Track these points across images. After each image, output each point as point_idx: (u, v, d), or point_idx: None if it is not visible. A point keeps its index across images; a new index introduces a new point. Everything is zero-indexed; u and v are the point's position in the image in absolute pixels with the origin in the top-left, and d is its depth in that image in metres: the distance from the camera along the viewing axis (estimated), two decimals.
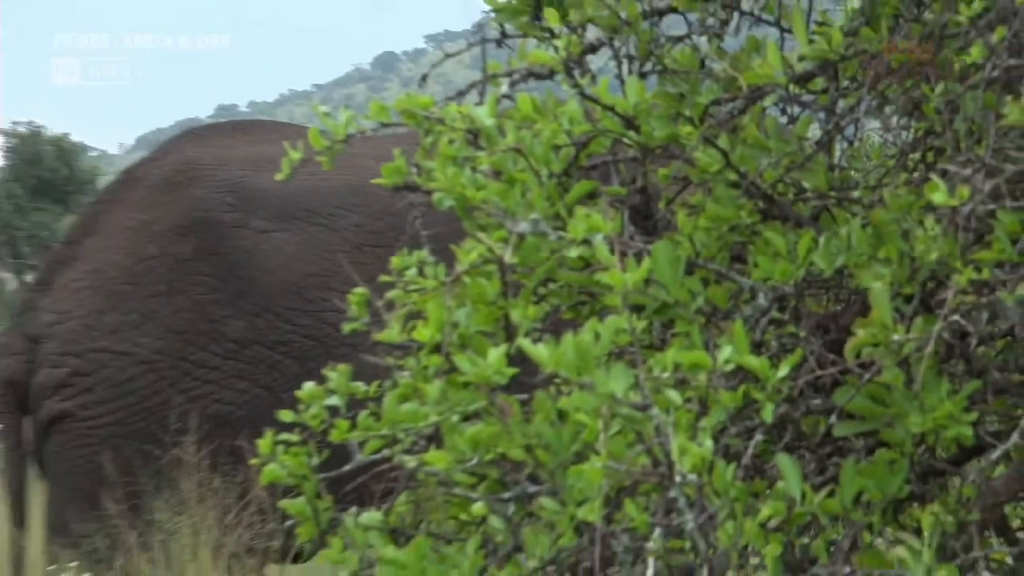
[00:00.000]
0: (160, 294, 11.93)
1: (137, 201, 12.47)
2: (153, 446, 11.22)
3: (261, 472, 3.84)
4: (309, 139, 3.87)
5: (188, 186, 11.85)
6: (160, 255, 12.17)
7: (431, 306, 3.52)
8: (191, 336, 11.48)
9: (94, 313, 12.35)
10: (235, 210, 11.35)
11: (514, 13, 3.87)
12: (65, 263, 12.86)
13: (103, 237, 12.81)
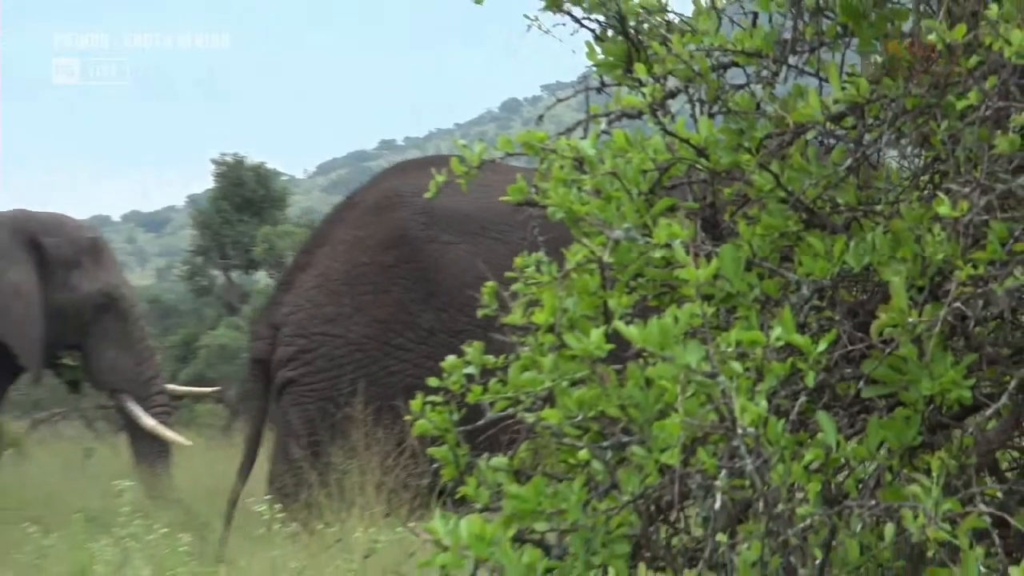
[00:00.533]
0: (368, 292, 13.89)
1: (354, 220, 14.44)
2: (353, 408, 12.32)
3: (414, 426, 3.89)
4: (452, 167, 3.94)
5: (392, 209, 13.87)
6: (370, 263, 14.18)
7: (546, 296, 3.57)
8: (392, 325, 13.31)
9: (319, 306, 14.36)
10: (427, 228, 13.28)
11: (611, 67, 3.90)
12: (301, 268, 14.96)
13: (329, 248, 14.67)
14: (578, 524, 3.30)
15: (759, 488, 3.01)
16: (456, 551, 3.08)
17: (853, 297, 3.53)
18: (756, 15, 3.84)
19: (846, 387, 3.50)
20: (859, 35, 3.75)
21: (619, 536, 3.32)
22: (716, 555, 3.18)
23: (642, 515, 3.41)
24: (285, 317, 14.96)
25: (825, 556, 2.98)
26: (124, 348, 18.47)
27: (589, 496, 3.34)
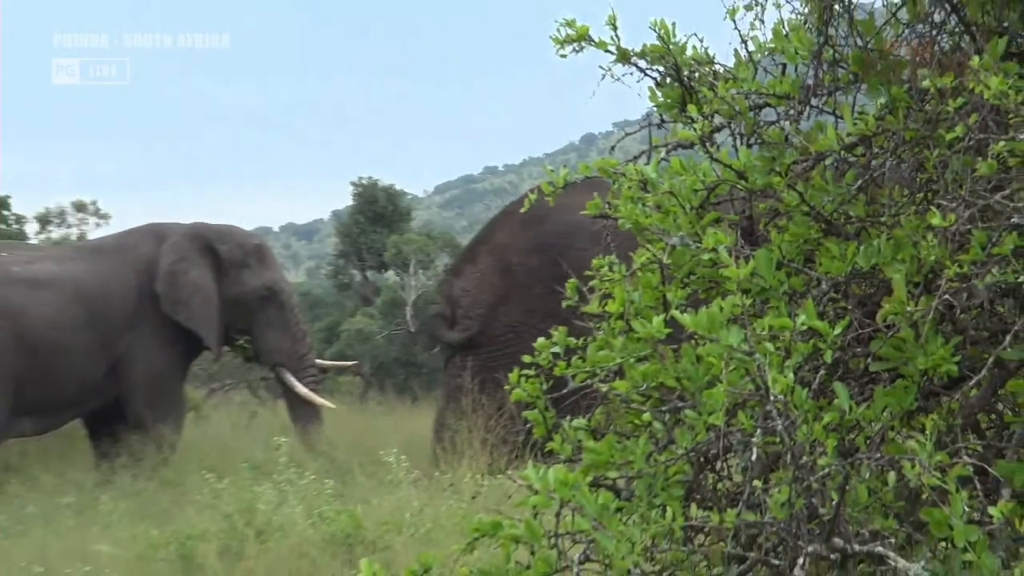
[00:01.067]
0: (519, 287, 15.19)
1: (508, 229, 15.72)
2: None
3: (511, 393, 3.89)
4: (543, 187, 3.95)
5: (538, 224, 14.98)
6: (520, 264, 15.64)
7: (617, 290, 3.58)
8: (538, 314, 14.20)
9: (481, 293, 15.83)
10: (565, 238, 14.06)
11: (668, 107, 3.90)
12: (467, 260, 16.40)
13: (488, 248, 16.09)
14: (642, 472, 3.30)
15: (787, 443, 3.01)
16: (545, 494, 3.09)
17: (862, 291, 3.52)
18: (784, 66, 3.84)
19: (857, 363, 3.49)
20: (867, 82, 3.74)
21: (675, 482, 3.33)
22: (753, 497, 3.18)
23: (693, 465, 3.42)
24: (457, 297, 15.98)
25: (840, 498, 2.97)
26: (283, 331, 18.72)
27: (651, 450, 3.34)
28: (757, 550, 3.23)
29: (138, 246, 18.18)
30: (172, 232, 18.34)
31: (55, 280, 17.12)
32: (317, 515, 11.19)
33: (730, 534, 3.18)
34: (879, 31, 3.76)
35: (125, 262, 17.88)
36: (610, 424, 3.68)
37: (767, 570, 3.18)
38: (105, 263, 17.82)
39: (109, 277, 17.61)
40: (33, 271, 17.12)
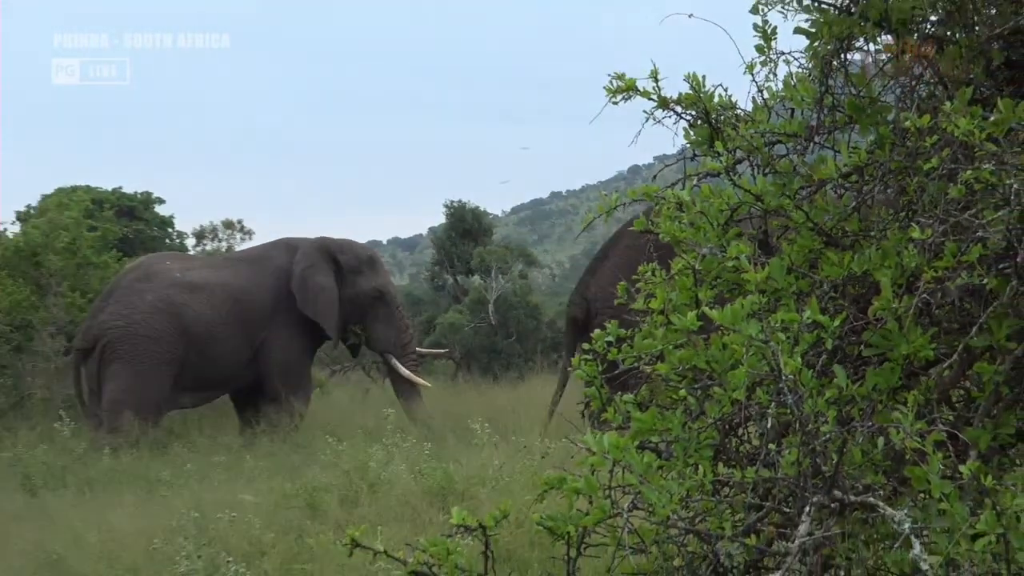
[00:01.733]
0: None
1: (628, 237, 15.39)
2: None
3: (574, 373, 3.90)
4: (598, 208, 3.96)
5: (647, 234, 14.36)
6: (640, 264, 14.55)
7: (659, 291, 3.59)
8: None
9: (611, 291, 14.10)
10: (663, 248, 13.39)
11: (700, 144, 3.90)
12: (602, 259, 16.10)
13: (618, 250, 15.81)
14: (679, 437, 3.30)
15: (796, 414, 3.00)
16: (601, 455, 3.10)
17: (856, 291, 3.50)
18: (793, 110, 3.83)
19: (852, 349, 3.47)
20: (860, 123, 3.73)
21: (705, 445, 3.33)
22: (768, 457, 3.18)
23: (720, 432, 3.42)
24: (593, 294, 15.73)
25: (839, 458, 2.96)
26: (389, 325, 18.90)
27: (686, 419, 3.34)
28: (772, 500, 3.23)
29: (274, 256, 18.47)
30: (302, 245, 18.60)
31: (209, 284, 17.45)
32: (417, 471, 11.24)
33: (750, 487, 3.18)
34: (869, 82, 3.74)
35: (264, 269, 18.17)
36: (653, 398, 3.68)
37: (779, 516, 3.18)
38: (248, 270, 18.13)
39: (252, 281, 17.88)
40: (191, 277, 17.46)
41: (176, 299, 17.04)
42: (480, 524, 3.33)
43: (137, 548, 9.28)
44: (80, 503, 11.82)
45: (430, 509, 10.15)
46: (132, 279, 17.38)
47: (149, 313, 16.86)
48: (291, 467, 13.41)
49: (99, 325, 16.85)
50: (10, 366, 18.75)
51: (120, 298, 17.05)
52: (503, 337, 28.08)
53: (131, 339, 16.64)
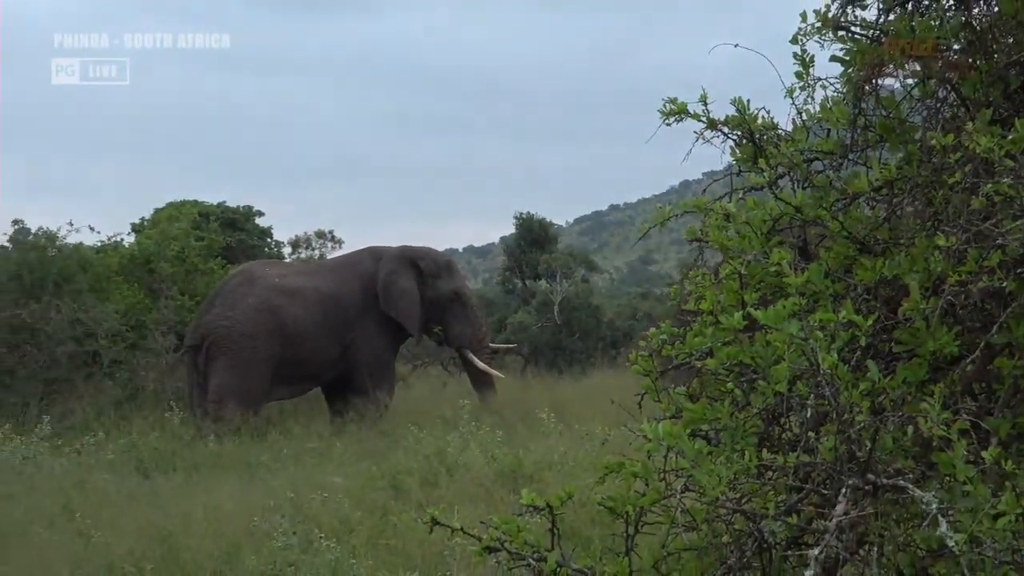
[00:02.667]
0: None
1: None
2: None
3: (631, 367, 3.90)
4: (653, 219, 3.98)
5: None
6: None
7: (708, 293, 3.59)
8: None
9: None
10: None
11: (745, 160, 3.89)
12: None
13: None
14: (727, 426, 3.30)
15: (833, 405, 3.00)
16: (656, 442, 3.11)
17: (887, 293, 3.48)
18: (829, 130, 3.82)
19: (884, 346, 3.46)
20: (890, 141, 3.71)
21: (751, 433, 3.32)
22: (808, 444, 3.18)
23: (764, 420, 3.41)
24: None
25: (872, 444, 2.96)
26: (466, 322, 19.11)
27: (733, 410, 3.34)
28: (811, 482, 3.22)
29: (360, 263, 18.69)
30: (386, 252, 18.82)
31: (304, 288, 17.67)
32: (490, 456, 11.28)
33: (791, 471, 3.18)
34: (898, 104, 3.73)
35: (352, 275, 18.37)
36: (703, 391, 3.68)
37: (818, 497, 3.17)
38: (338, 276, 18.35)
39: (342, 286, 18.09)
40: (289, 282, 17.70)
41: (275, 302, 17.26)
42: (547, 504, 3.35)
43: (238, 525, 9.38)
44: (188, 485, 11.96)
45: (501, 490, 10.19)
46: (235, 283, 17.65)
47: (250, 314, 17.10)
48: (377, 452, 13.49)
49: (206, 325, 17.11)
50: (126, 362, 19.02)
51: (225, 300, 17.31)
52: (567, 335, 28.13)
53: (234, 337, 16.89)
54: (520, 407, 16.63)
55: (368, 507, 10.05)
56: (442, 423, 14.43)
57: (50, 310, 18.20)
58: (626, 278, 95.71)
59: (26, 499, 11.06)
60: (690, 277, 3.90)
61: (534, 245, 32.23)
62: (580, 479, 9.06)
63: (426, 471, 11.10)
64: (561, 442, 12.15)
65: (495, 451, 11.57)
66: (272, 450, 14.04)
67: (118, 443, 14.11)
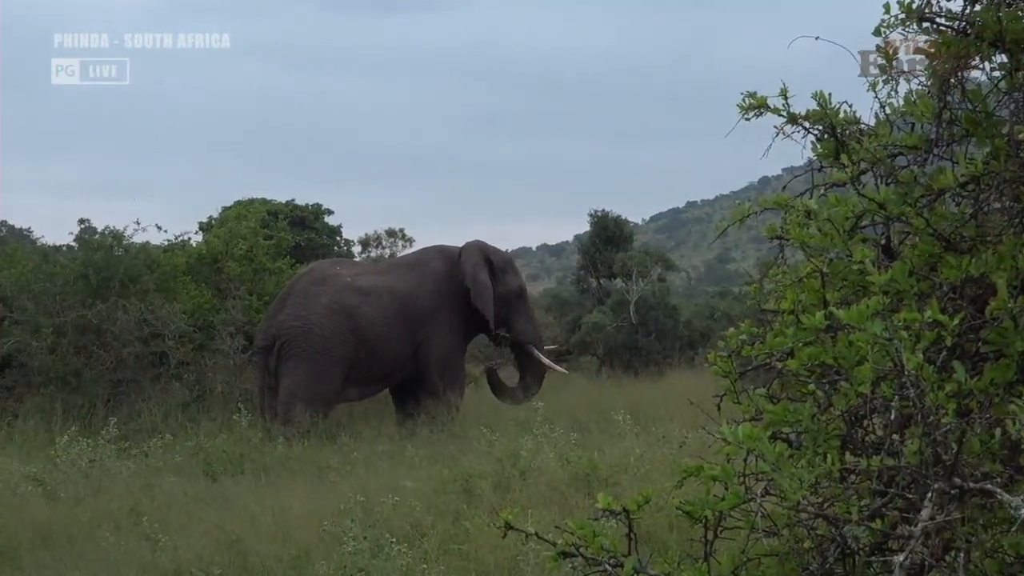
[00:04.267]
0: None
1: None
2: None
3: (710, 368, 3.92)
4: (731, 216, 3.99)
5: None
6: None
7: (788, 292, 3.59)
8: None
9: None
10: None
11: (826, 156, 3.89)
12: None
13: None
14: (808, 428, 3.31)
15: (918, 407, 3.00)
16: (736, 445, 3.12)
17: (974, 292, 3.47)
18: (913, 124, 3.81)
19: (970, 346, 3.45)
20: (976, 136, 3.69)
21: (833, 435, 3.33)
22: (892, 447, 3.17)
23: (847, 423, 3.41)
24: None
25: (958, 447, 2.95)
26: (530, 319, 19.61)
27: (815, 411, 3.34)
28: (895, 487, 3.21)
29: (430, 262, 18.85)
30: (467, 247, 19.25)
31: (376, 288, 17.82)
32: (565, 459, 11.29)
33: (875, 474, 3.18)
34: (985, 97, 3.71)
35: (424, 274, 18.51)
36: (784, 392, 3.69)
37: (903, 502, 3.17)
38: (410, 275, 18.48)
39: (414, 285, 18.24)
40: (361, 281, 17.85)
41: (348, 301, 17.45)
42: (624, 508, 3.37)
43: (308, 529, 9.47)
44: (256, 488, 12.08)
45: (576, 494, 10.21)
46: (307, 283, 17.84)
47: (324, 314, 17.27)
48: (449, 456, 13.56)
49: (278, 325, 17.26)
50: (193, 363, 19.24)
51: (297, 300, 17.45)
52: (643, 335, 28.07)
53: (307, 338, 17.05)
54: (595, 409, 16.63)
55: (440, 511, 10.10)
56: (515, 426, 14.49)
57: (117, 310, 18.43)
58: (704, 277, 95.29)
59: (93, 502, 11.24)
60: (770, 276, 3.91)
61: (609, 243, 32.20)
62: (657, 483, 9.06)
63: (499, 475, 11.14)
64: (637, 445, 12.14)
65: (569, 454, 11.58)
66: (342, 453, 14.16)
67: (185, 445, 14.30)
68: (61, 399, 17.41)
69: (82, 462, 12.95)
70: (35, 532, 10.16)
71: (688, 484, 3.37)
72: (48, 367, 18.04)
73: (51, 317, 18.44)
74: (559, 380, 20.06)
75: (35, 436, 15.39)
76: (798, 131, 3.94)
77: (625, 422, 13.45)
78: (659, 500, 7.65)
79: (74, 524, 10.39)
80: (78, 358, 18.22)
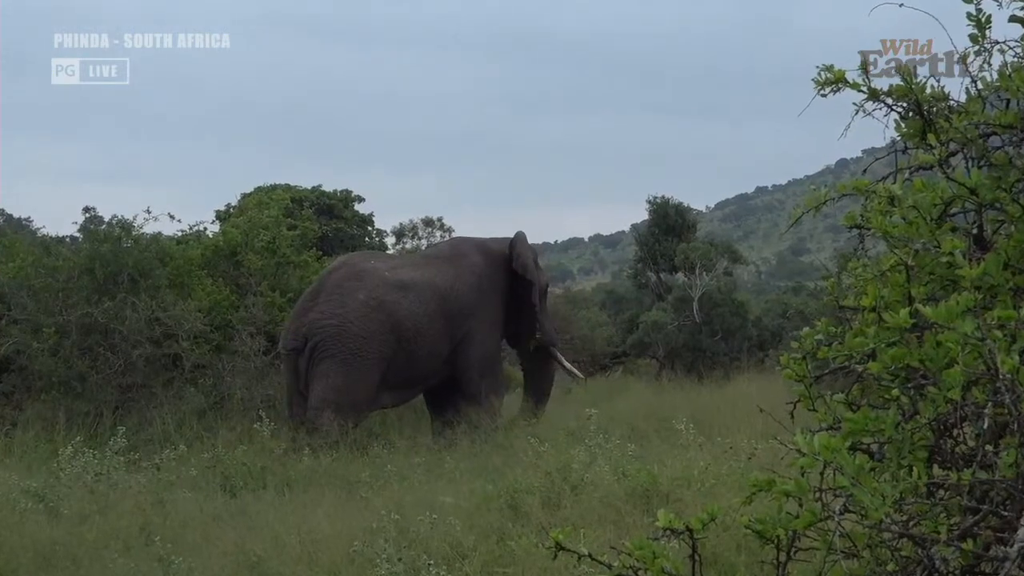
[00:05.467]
0: None
1: None
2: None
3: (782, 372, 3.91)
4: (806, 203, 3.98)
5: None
6: None
7: (870, 287, 3.59)
8: None
9: None
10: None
11: (911, 136, 3.89)
12: None
13: None
14: (892, 438, 3.31)
15: (1014, 414, 3.00)
16: (811, 456, 3.13)
17: None
18: (1008, 100, 3.80)
19: None
20: None
21: (920, 446, 3.33)
22: (985, 459, 3.18)
23: (935, 432, 3.41)
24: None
25: None
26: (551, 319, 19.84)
27: (899, 419, 3.34)
28: (989, 503, 3.22)
29: (468, 255, 18.93)
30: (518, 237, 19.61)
31: (416, 283, 17.85)
32: (621, 473, 11.28)
33: (966, 489, 3.18)
34: None
35: (462, 268, 18.51)
36: (864, 398, 3.69)
37: (997, 520, 3.17)
38: (450, 268, 18.47)
39: (455, 279, 18.28)
40: (399, 276, 17.85)
41: (387, 297, 17.53)
42: (687, 527, 3.39)
43: (337, 550, 9.50)
44: (279, 504, 12.12)
45: (634, 511, 10.19)
46: (340, 278, 17.83)
47: (362, 312, 17.30)
48: (492, 468, 13.56)
49: (310, 324, 17.22)
50: (209, 366, 19.24)
51: (330, 297, 17.46)
52: (708, 335, 28.05)
53: (342, 338, 17.08)
54: (655, 417, 16.61)
55: (483, 530, 10.11)
56: (566, 435, 14.47)
57: (125, 308, 18.47)
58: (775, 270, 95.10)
59: (100, 520, 11.29)
60: (849, 269, 3.91)
61: (670, 233, 32.21)
62: (723, 499, 9.04)
63: (548, 489, 11.14)
64: (701, 456, 12.10)
65: (626, 467, 11.57)
66: (374, 466, 14.18)
67: (201, 457, 14.34)
68: (64, 406, 17.50)
69: (87, 476, 13.00)
70: (36, 553, 10.22)
71: (758, 500, 3.38)
72: (50, 371, 18.08)
73: (53, 316, 18.51)
74: (616, 385, 20.09)
75: (36, 447, 15.49)
76: (880, 109, 3.93)
77: (688, 431, 13.42)
78: (726, 518, 7.65)
79: (79, 544, 10.45)
80: (83, 361, 18.27)
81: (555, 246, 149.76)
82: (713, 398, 18.67)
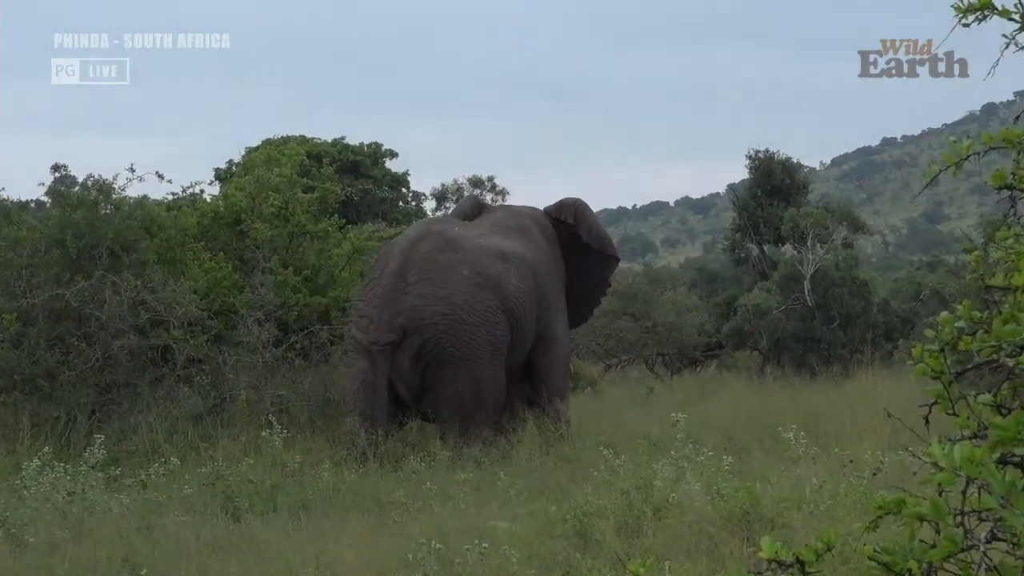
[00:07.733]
0: None
1: None
2: None
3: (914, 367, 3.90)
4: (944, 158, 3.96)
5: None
6: None
7: (1022, 262, 3.58)
8: None
9: None
10: None
11: None
12: None
13: None
14: None
15: None
16: (950, 471, 3.12)
17: None
18: None
19: None
20: None
21: None
22: None
23: None
24: None
25: None
26: None
27: None
28: None
29: (530, 228, 18.76)
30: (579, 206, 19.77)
31: (513, 252, 17.77)
32: (715, 492, 11.28)
33: None
34: None
35: (532, 241, 18.29)
36: (1017, 399, 3.67)
37: None
38: (528, 239, 18.22)
39: (540, 251, 18.16)
40: (495, 243, 17.76)
41: (491, 271, 17.28)
42: (797, 558, 3.39)
43: None
44: (294, 530, 12.16)
45: (731, 539, 10.21)
46: (429, 249, 17.30)
47: (471, 292, 16.95)
48: (556, 486, 13.58)
49: (409, 313, 16.77)
50: (208, 360, 19.09)
51: (428, 276, 16.98)
52: (822, 322, 27.95)
53: (458, 329, 16.78)
54: (756, 423, 16.61)
55: (544, 562, 10.14)
56: (647, 445, 14.49)
57: (104, 289, 18.32)
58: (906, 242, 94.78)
59: (73, 550, 11.33)
60: (998, 239, 3.89)
61: (775, 196, 32.12)
62: (842, 523, 9.03)
63: (625, 512, 11.15)
64: (814, 472, 12.10)
65: (721, 484, 11.58)
66: (410, 483, 14.20)
67: (197, 473, 14.37)
68: (29, 409, 17.44)
69: (58, 496, 13.00)
70: None
71: (885, 525, 3.38)
72: (11, 366, 18.03)
73: (15, 299, 18.46)
74: (709, 384, 20.07)
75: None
76: None
77: (798, 440, 13.40)
78: (845, 547, 7.64)
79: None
80: (52, 354, 18.20)
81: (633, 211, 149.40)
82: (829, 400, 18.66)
